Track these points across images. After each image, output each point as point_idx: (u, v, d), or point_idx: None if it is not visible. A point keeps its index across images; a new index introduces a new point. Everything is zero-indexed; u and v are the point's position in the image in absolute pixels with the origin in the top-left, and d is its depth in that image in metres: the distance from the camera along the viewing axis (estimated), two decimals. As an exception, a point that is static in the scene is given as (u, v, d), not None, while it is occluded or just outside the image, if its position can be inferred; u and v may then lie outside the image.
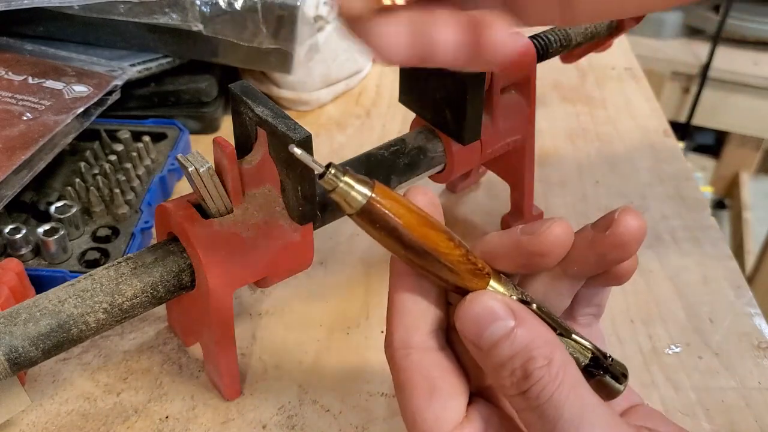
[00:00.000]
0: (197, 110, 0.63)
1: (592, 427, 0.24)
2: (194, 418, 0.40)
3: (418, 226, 0.26)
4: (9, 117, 0.50)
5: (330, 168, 0.26)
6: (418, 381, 0.27)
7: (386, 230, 0.26)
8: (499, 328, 0.25)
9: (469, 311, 0.26)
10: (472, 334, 0.26)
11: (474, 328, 0.26)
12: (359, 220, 0.26)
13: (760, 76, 1.48)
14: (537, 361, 0.25)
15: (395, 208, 0.26)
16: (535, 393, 0.25)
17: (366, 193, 0.26)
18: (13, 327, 0.33)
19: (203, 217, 0.36)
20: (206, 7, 0.58)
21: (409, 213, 0.26)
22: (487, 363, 0.26)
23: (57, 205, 0.48)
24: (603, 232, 0.27)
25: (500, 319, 0.25)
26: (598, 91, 0.73)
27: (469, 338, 0.26)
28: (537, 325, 0.26)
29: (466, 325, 0.26)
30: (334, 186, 0.26)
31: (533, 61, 0.47)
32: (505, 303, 0.26)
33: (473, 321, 0.26)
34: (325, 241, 0.52)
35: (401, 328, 0.28)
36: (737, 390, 0.42)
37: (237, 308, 0.46)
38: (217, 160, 0.36)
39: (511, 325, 0.25)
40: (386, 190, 0.26)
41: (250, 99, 0.37)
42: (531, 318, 0.26)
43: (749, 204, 1.61)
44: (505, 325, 0.25)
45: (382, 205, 0.26)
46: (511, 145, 0.49)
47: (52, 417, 0.40)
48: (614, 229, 0.27)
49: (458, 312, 0.26)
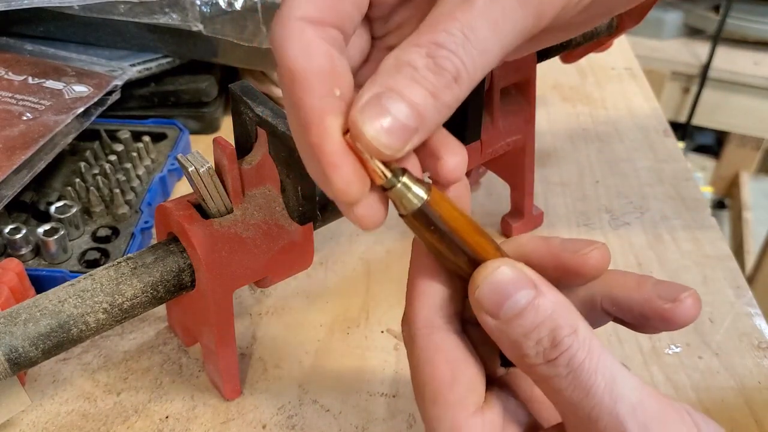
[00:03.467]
0: (197, 110, 0.63)
1: (625, 390, 0.24)
2: (194, 418, 0.40)
3: (468, 234, 0.26)
4: (9, 117, 0.50)
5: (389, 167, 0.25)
6: (441, 362, 0.27)
7: (436, 234, 0.26)
8: (522, 297, 0.25)
9: (490, 281, 0.25)
10: (492, 305, 0.25)
11: (494, 298, 0.25)
12: (410, 222, 0.26)
13: (760, 76, 1.48)
14: (564, 329, 0.25)
15: (448, 215, 0.26)
16: (566, 360, 0.24)
17: (422, 197, 0.26)
18: (13, 327, 0.33)
19: (203, 217, 0.36)
20: (206, 7, 0.58)
21: (461, 219, 0.26)
22: (508, 334, 0.25)
23: (57, 205, 0.48)
24: (666, 302, 0.27)
25: (523, 288, 0.25)
26: (598, 91, 0.73)
27: (488, 308, 0.26)
28: (559, 295, 0.26)
29: (484, 296, 0.26)
30: (391, 185, 0.25)
31: (533, 61, 0.48)
32: (525, 272, 0.26)
33: (494, 291, 0.25)
34: (325, 241, 0.52)
35: (426, 307, 0.28)
36: (737, 390, 0.42)
37: (237, 308, 0.46)
38: (217, 160, 0.36)
39: (533, 294, 0.25)
40: (441, 195, 0.26)
41: (250, 99, 0.37)
42: (552, 288, 0.26)
43: (749, 204, 1.61)
44: (527, 294, 0.25)
45: (435, 211, 0.26)
46: (511, 145, 0.49)
47: (52, 417, 0.40)
48: (677, 309, 0.27)
49: (477, 281, 0.26)
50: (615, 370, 0.25)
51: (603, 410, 0.24)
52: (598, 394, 0.24)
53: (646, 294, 0.28)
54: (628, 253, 0.52)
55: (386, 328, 0.46)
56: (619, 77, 0.76)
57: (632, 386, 0.25)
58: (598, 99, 0.72)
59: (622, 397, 0.24)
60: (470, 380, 0.27)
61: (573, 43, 0.52)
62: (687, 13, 1.59)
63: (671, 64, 1.55)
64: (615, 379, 0.24)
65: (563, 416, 0.26)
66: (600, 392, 0.24)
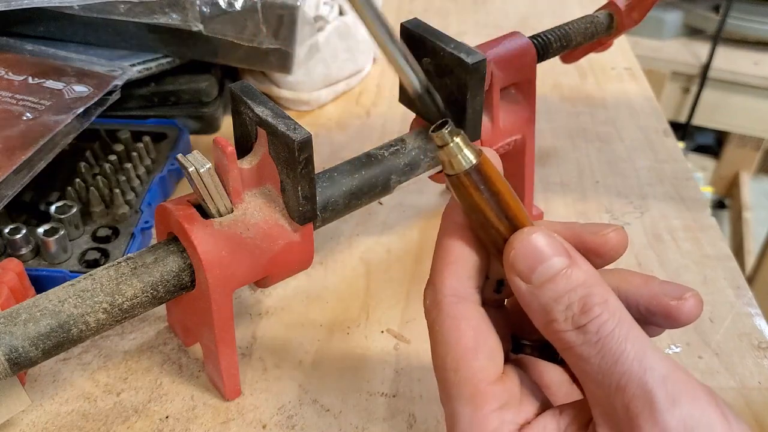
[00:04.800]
0: (197, 110, 0.63)
1: (655, 361, 0.24)
2: (194, 418, 0.40)
3: (511, 199, 0.27)
4: (9, 117, 0.50)
5: (446, 126, 0.27)
6: (466, 330, 0.27)
7: (483, 195, 0.27)
8: (556, 263, 0.26)
9: (526, 244, 0.26)
10: (526, 267, 0.26)
11: (529, 261, 0.26)
12: (454, 182, 0.27)
13: (760, 76, 1.48)
14: (595, 297, 0.25)
15: (495, 178, 0.27)
16: (596, 327, 0.25)
17: (472, 161, 0.27)
18: (13, 327, 0.33)
19: (203, 217, 0.36)
20: (206, 7, 0.58)
21: (506, 186, 0.27)
22: (539, 298, 0.26)
23: (57, 205, 0.48)
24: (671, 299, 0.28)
25: (558, 255, 0.26)
26: (598, 91, 0.73)
27: (521, 271, 0.26)
28: (592, 268, 0.26)
29: (519, 258, 0.26)
30: (444, 143, 0.27)
31: (533, 61, 0.47)
32: (561, 242, 0.26)
33: (529, 254, 0.26)
34: (325, 241, 0.52)
35: (454, 276, 0.29)
36: (737, 390, 0.42)
37: (237, 308, 0.46)
38: (217, 160, 0.36)
39: (567, 263, 0.26)
40: (490, 163, 0.27)
41: (250, 99, 0.37)
42: (586, 261, 0.26)
43: (749, 204, 1.61)
44: (561, 261, 0.26)
45: (484, 173, 0.27)
46: (511, 145, 0.49)
47: (52, 417, 0.40)
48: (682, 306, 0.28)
49: (513, 243, 0.27)
50: (646, 342, 0.25)
51: (632, 378, 0.24)
52: (628, 361, 0.24)
53: (653, 290, 0.28)
54: (628, 253, 0.52)
55: (386, 328, 0.46)
56: (619, 77, 0.76)
57: (662, 358, 0.25)
58: (598, 99, 0.72)
59: (652, 367, 0.24)
60: (492, 350, 0.28)
61: (573, 43, 0.52)
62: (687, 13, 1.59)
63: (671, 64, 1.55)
64: (645, 350, 0.24)
65: (587, 388, 0.26)
66: (630, 360, 0.24)
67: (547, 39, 0.49)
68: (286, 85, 0.66)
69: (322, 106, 0.69)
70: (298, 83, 0.66)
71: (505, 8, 0.90)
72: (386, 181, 0.43)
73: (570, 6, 0.90)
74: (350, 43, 0.69)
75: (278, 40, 0.61)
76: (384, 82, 0.73)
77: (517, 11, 0.89)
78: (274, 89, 0.67)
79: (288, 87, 0.66)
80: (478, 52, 0.41)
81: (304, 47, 0.64)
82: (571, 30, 0.52)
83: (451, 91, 0.42)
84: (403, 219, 0.55)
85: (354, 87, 0.72)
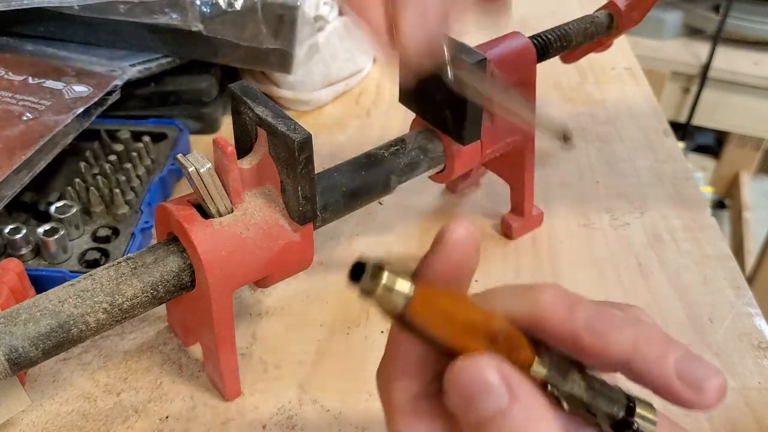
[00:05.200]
0: (197, 110, 0.63)
1: None
2: (194, 418, 0.40)
3: (456, 338, 0.24)
4: (9, 117, 0.50)
5: (365, 270, 0.24)
6: None
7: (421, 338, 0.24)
8: (492, 404, 0.22)
9: (459, 379, 0.23)
10: (461, 406, 0.23)
11: (463, 398, 0.23)
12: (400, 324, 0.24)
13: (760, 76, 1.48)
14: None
15: (433, 321, 0.24)
16: None
17: (407, 295, 0.23)
18: (13, 327, 0.33)
19: (203, 217, 0.36)
20: (206, 7, 0.58)
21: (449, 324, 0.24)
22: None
23: (57, 205, 0.48)
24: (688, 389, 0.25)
25: (493, 392, 0.22)
26: (598, 91, 0.73)
27: (455, 407, 0.23)
28: (535, 405, 0.23)
29: (454, 394, 0.23)
30: (370, 291, 0.24)
31: (533, 61, 0.48)
32: (501, 372, 0.23)
33: (462, 391, 0.23)
34: (325, 241, 0.52)
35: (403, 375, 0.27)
36: (737, 390, 0.42)
37: (237, 308, 0.46)
38: (217, 160, 0.36)
39: (505, 401, 0.22)
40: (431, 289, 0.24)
41: (250, 99, 0.37)
42: (529, 394, 0.23)
43: (749, 204, 1.61)
44: (498, 401, 0.22)
45: (419, 318, 0.24)
46: (511, 145, 0.49)
47: (52, 417, 0.40)
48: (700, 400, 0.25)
49: (447, 377, 0.23)
50: None
51: None
52: None
53: (668, 372, 0.25)
54: (628, 253, 0.52)
55: (386, 328, 0.46)
56: (619, 77, 0.76)
57: None
58: (598, 99, 0.72)
59: None
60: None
61: (573, 43, 0.52)
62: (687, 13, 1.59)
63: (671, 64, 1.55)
64: None
65: None
66: None
67: (547, 39, 0.50)
68: (286, 85, 0.66)
69: (322, 106, 0.69)
70: (298, 83, 0.66)
71: (505, 8, 0.90)
72: (386, 181, 0.43)
73: (570, 6, 0.90)
74: (350, 44, 0.69)
75: (278, 40, 0.61)
76: (384, 82, 0.73)
77: (517, 11, 0.89)
78: (274, 89, 0.67)
79: (288, 87, 0.66)
80: (479, 52, 0.41)
81: (304, 47, 0.64)
82: (571, 30, 0.52)
83: (451, 92, 0.42)
84: (403, 219, 0.55)
85: (354, 87, 0.72)
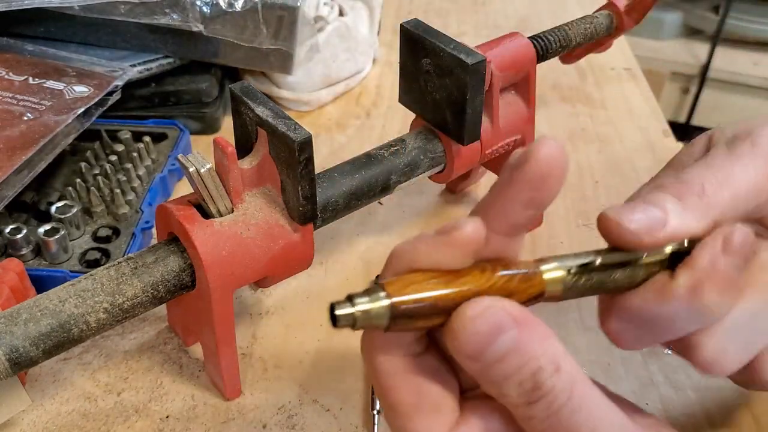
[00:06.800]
0: (198, 110, 0.63)
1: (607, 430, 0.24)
2: (194, 418, 0.40)
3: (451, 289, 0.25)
4: (10, 117, 0.50)
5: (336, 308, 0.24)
6: (403, 388, 0.26)
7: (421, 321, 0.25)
8: (506, 341, 0.23)
9: (469, 330, 0.24)
10: (473, 352, 0.24)
11: (476, 345, 0.24)
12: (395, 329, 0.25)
13: (759, 76, 1.48)
14: (546, 370, 0.24)
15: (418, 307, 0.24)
16: (547, 403, 0.24)
17: (386, 310, 0.24)
18: (13, 327, 0.33)
19: (204, 217, 0.36)
20: (207, 7, 0.58)
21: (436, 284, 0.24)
22: (489, 376, 0.24)
23: (58, 205, 0.48)
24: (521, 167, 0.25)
25: (505, 330, 0.24)
26: (597, 92, 0.73)
27: (468, 355, 0.24)
28: (541, 329, 0.24)
29: (464, 344, 0.24)
30: (350, 323, 0.24)
31: (533, 62, 0.48)
32: (507, 309, 0.24)
33: (473, 339, 0.24)
34: (325, 241, 0.52)
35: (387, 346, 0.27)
36: (737, 390, 0.42)
37: (237, 308, 0.47)
38: (217, 161, 0.36)
39: (515, 334, 0.24)
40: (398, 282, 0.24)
41: (251, 99, 0.37)
42: (534, 321, 0.24)
43: (749, 204, 1.61)
44: (511, 336, 0.23)
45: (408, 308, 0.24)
46: (511, 145, 0.49)
47: (53, 417, 0.40)
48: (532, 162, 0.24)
49: (454, 329, 0.24)
50: (600, 410, 0.24)
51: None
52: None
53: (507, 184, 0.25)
54: (628, 253, 0.52)
55: (386, 328, 0.46)
56: (618, 77, 0.76)
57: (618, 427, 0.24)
58: (597, 99, 0.72)
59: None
60: (436, 403, 0.26)
61: (573, 43, 0.52)
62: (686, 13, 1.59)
63: (671, 65, 1.55)
64: (598, 420, 0.24)
65: None
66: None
67: (547, 40, 0.50)
68: (286, 86, 0.66)
69: (322, 106, 0.69)
70: (298, 84, 0.66)
71: (505, 8, 0.90)
72: (386, 181, 0.43)
73: (570, 6, 0.90)
74: (350, 44, 0.69)
75: (278, 40, 0.61)
76: (384, 83, 0.73)
77: (517, 11, 0.89)
78: (274, 89, 0.67)
79: (288, 87, 0.66)
80: (478, 53, 0.41)
81: (304, 48, 0.64)
82: (571, 30, 0.52)
83: (451, 92, 0.42)
84: (403, 219, 0.55)
85: (354, 87, 0.72)
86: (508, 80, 0.47)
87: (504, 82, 0.46)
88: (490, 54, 0.45)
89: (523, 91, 0.48)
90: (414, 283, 0.25)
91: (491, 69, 0.44)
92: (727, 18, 1.47)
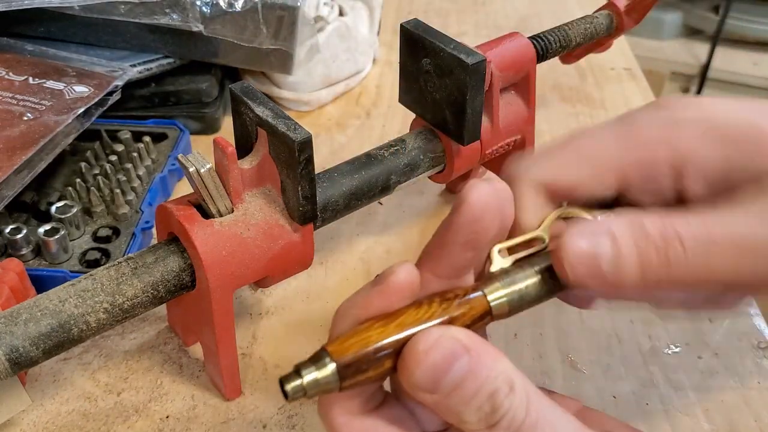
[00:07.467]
0: (198, 110, 0.63)
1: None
2: (194, 418, 0.40)
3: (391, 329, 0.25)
4: (10, 117, 0.50)
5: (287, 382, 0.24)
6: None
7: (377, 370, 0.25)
8: (461, 366, 0.24)
9: (423, 364, 0.24)
10: (430, 384, 0.24)
11: (432, 376, 0.24)
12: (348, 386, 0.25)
13: (759, 76, 1.48)
14: (501, 390, 0.24)
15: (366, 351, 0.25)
16: (507, 423, 0.24)
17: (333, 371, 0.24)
18: (13, 327, 0.33)
19: (204, 217, 0.36)
20: (207, 7, 0.58)
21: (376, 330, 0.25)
22: (449, 406, 0.24)
23: (58, 205, 0.48)
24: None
25: (458, 356, 0.24)
26: (597, 92, 0.73)
27: (425, 389, 0.24)
28: (491, 350, 0.25)
29: (421, 377, 0.24)
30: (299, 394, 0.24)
31: (533, 62, 0.48)
32: (455, 338, 0.24)
33: (430, 370, 0.24)
34: (325, 241, 0.52)
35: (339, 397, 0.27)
36: (737, 390, 0.42)
37: (237, 308, 0.47)
38: (217, 161, 0.36)
39: (468, 360, 0.24)
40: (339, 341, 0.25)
41: (251, 99, 0.37)
42: (483, 344, 0.25)
43: (749, 204, 1.61)
44: (464, 362, 0.24)
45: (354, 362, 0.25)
46: (511, 145, 0.49)
47: (53, 417, 0.40)
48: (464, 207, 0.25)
49: (408, 365, 0.24)
50: (557, 419, 0.25)
51: None
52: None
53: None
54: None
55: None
56: (618, 77, 0.76)
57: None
58: (597, 99, 0.72)
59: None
60: None
61: (573, 43, 0.52)
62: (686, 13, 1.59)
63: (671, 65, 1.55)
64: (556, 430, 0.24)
65: None
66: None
67: (547, 40, 0.50)
68: (287, 86, 0.66)
69: (322, 106, 0.69)
70: (298, 84, 0.66)
71: (505, 8, 0.90)
72: (386, 181, 0.43)
73: (570, 6, 0.90)
74: (350, 44, 0.69)
75: (278, 40, 0.61)
76: (384, 83, 0.73)
77: (517, 11, 0.89)
78: (275, 90, 0.67)
79: (288, 87, 0.66)
80: (478, 53, 0.41)
81: (304, 48, 0.64)
82: (571, 31, 0.52)
83: (451, 92, 0.42)
84: (403, 219, 0.55)
85: (354, 87, 0.72)
86: (508, 80, 0.47)
87: (504, 82, 0.46)
88: (490, 54, 0.45)
89: (523, 91, 0.48)
90: (354, 336, 0.25)
91: (491, 69, 0.44)
92: (727, 18, 1.47)
